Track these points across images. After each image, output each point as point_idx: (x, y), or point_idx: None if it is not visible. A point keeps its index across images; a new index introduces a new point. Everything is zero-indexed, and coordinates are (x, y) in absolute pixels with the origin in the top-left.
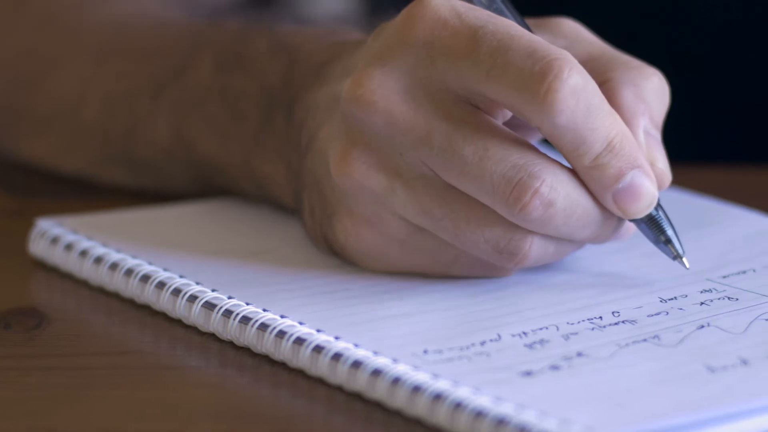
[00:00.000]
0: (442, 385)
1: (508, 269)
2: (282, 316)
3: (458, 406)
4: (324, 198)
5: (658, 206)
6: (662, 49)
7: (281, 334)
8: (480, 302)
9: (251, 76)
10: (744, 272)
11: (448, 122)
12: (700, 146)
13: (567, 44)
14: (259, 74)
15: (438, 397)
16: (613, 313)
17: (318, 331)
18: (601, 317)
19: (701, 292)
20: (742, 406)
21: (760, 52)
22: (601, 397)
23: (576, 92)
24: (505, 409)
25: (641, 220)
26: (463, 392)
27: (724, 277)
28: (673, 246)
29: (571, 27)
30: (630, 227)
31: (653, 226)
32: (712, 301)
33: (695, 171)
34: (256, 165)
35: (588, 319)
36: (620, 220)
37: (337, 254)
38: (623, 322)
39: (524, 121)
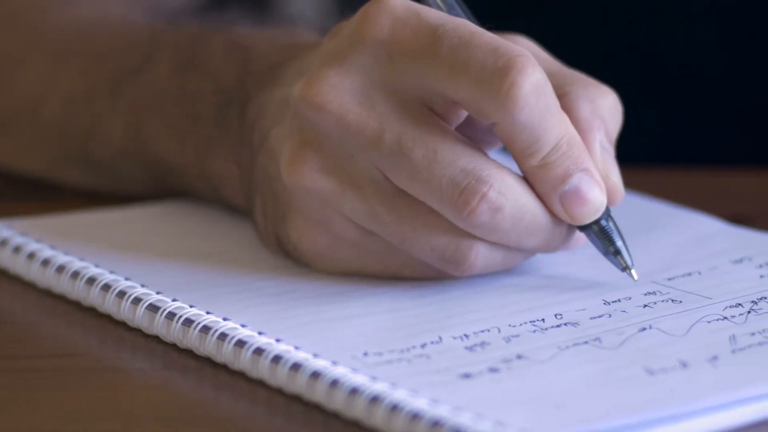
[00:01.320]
0: (379, 387)
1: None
2: (225, 319)
3: (395, 408)
4: (275, 199)
5: (609, 217)
6: (631, 55)
7: (223, 336)
8: (425, 304)
9: (206, 77)
10: (689, 274)
11: (399, 124)
12: (648, 148)
13: None
14: (214, 75)
15: (375, 399)
16: (555, 315)
17: (260, 333)
18: (543, 319)
19: (645, 294)
20: (679, 409)
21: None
22: (538, 399)
23: (537, 89)
24: (441, 411)
25: (591, 230)
26: (400, 394)
27: (670, 279)
28: (622, 258)
29: (527, 44)
30: (580, 237)
31: (603, 237)
32: (655, 303)
33: (645, 173)
34: (209, 165)
35: (530, 322)
36: (570, 229)
37: (288, 255)
38: (565, 324)
39: (474, 133)
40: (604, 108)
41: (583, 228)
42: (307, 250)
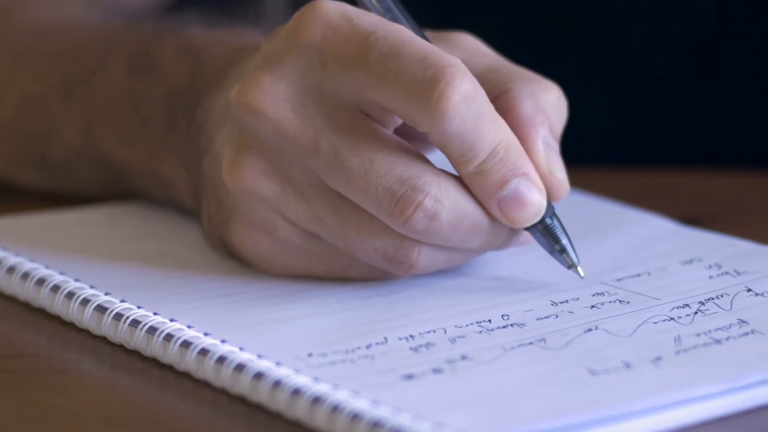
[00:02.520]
0: (321, 388)
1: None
2: (172, 320)
3: (336, 409)
4: (220, 202)
5: (553, 215)
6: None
7: (169, 337)
8: (372, 305)
9: (158, 79)
10: (639, 275)
11: (335, 132)
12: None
13: (465, 57)
14: (166, 77)
15: (317, 400)
16: (502, 316)
17: (205, 334)
18: (490, 320)
19: (593, 295)
20: (617, 409)
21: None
22: (479, 400)
23: (467, 99)
24: (382, 412)
25: (536, 229)
26: (341, 395)
27: (619, 280)
28: (568, 255)
29: (470, 41)
30: (528, 235)
31: (548, 235)
32: (603, 304)
33: (596, 174)
34: (159, 168)
35: (477, 323)
36: (514, 229)
37: (235, 258)
38: (512, 325)
39: (416, 131)
40: (548, 103)
41: (527, 227)
42: (250, 254)
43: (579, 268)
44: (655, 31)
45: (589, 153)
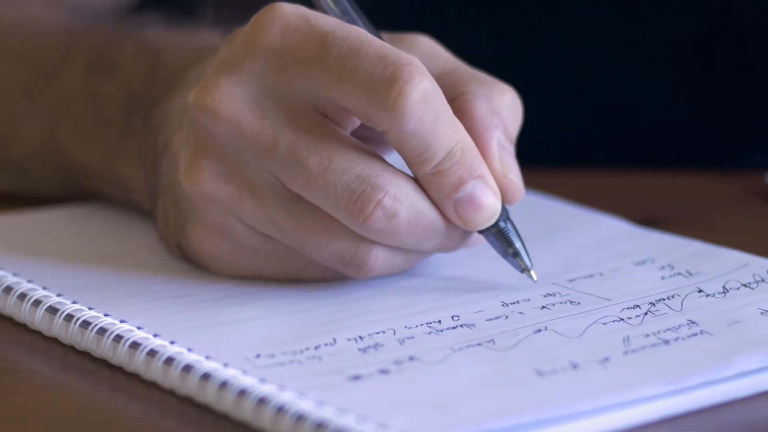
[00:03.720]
0: (267, 389)
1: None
2: (122, 321)
3: (281, 410)
4: (177, 204)
5: (507, 219)
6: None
7: (118, 338)
8: (323, 306)
9: (117, 80)
10: (591, 276)
11: (293, 132)
12: (554, 150)
13: (422, 59)
14: (125, 78)
15: (262, 401)
16: (452, 317)
17: (155, 335)
18: (440, 321)
19: (544, 296)
20: (562, 410)
21: (621, 59)
22: (424, 401)
23: (426, 98)
24: (326, 413)
25: (489, 232)
26: (286, 396)
27: (571, 281)
28: (521, 259)
29: (427, 43)
30: (479, 236)
31: (501, 239)
32: (553, 305)
33: (554, 175)
34: (117, 169)
35: (426, 323)
36: (467, 231)
37: (190, 260)
38: (461, 326)
39: (373, 133)
40: (503, 106)
41: (481, 230)
42: (207, 256)
43: (532, 272)
44: (618, 36)
45: (547, 154)
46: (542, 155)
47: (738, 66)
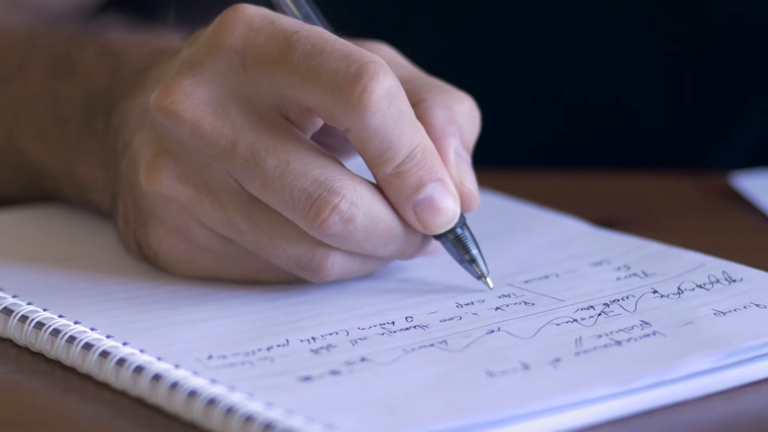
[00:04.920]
0: (217, 390)
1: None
2: (76, 322)
3: (230, 411)
4: (137, 205)
5: (464, 225)
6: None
7: (72, 339)
8: (278, 307)
9: (77, 82)
10: (547, 277)
11: (253, 133)
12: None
13: None
14: (85, 80)
15: (212, 402)
16: (406, 318)
17: (108, 336)
18: (393, 322)
19: (499, 297)
20: (512, 410)
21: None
22: (373, 402)
23: (390, 96)
24: (274, 414)
25: (446, 238)
26: (236, 397)
27: (526, 281)
28: (478, 266)
29: (386, 50)
30: (437, 244)
31: (458, 245)
32: (507, 306)
33: (514, 176)
34: (77, 170)
35: (380, 325)
36: (425, 238)
37: (149, 261)
38: (414, 327)
39: (334, 140)
40: (460, 114)
41: (438, 236)
42: (166, 257)
43: (488, 279)
44: (586, 38)
45: (512, 155)
46: (507, 156)
47: (706, 67)
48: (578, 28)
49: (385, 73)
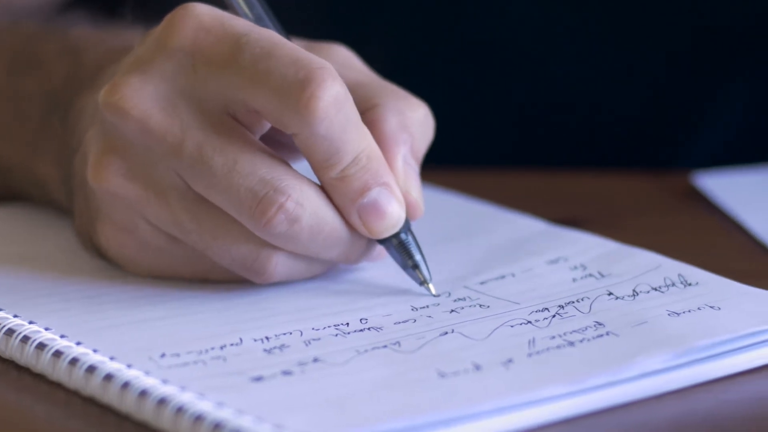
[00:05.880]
0: (167, 390)
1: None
2: (30, 322)
3: (180, 410)
4: (87, 202)
5: (409, 231)
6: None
7: (25, 339)
8: (233, 306)
9: (38, 79)
10: (503, 277)
11: (201, 132)
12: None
13: (336, 69)
14: (45, 77)
15: (162, 401)
16: (361, 320)
17: (62, 336)
18: (347, 324)
19: (455, 300)
20: (462, 411)
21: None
22: (324, 402)
23: (337, 102)
24: (224, 414)
25: (390, 243)
26: (186, 397)
27: (482, 283)
28: (421, 272)
29: (342, 53)
30: (381, 250)
31: (402, 251)
32: (462, 308)
33: (475, 175)
34: (36, 168)
35: (334, 325)
36: (370, 242)
37: (103, 256)
38: (369, 329)
39: (283, 138)
40: (413, 121)
41: (382, 241)
42: (115, 254)
43: (431, 286)
44: (550, 37)
45: (473, 154)
46: (473, 156)
47: (674, 68)
48: (545, 28)
49: (333, 80)
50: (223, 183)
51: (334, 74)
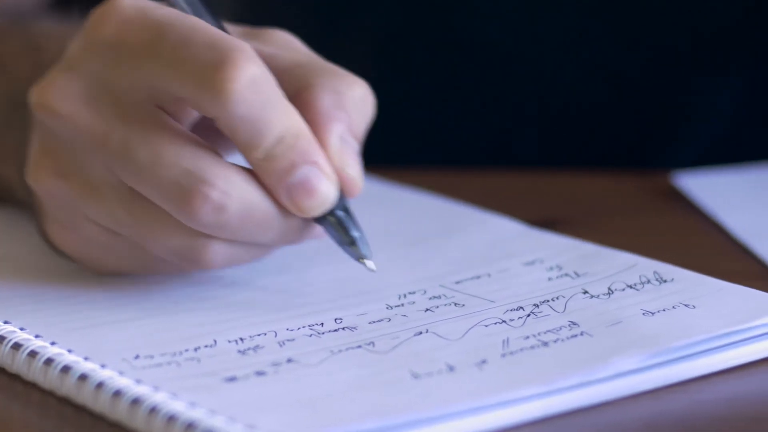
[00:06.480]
0: (141, 390)
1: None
2: (5, 322)
3: (153, 410)
4: (36, 201)
5: (346, 209)
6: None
7: (0, 339)
8: (208, 308)
9: (1, 78)
10: (479, 277)
11: (126, 126)
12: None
13: (275, 52)
14: (9, 75)
15: (136, 401)
16: (335, 319)
17: (36, 336)
18: (322, 324)
19: (430, 298)
20: (434, 412)
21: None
22: (296, 403)
23: (254, 83)
24: (197, 414)
25: (327, 221)
26: (159, 397)
27: (457, 282)
28: (358, 248)
29: (282, 36)
30: (321, 229)
31: (339, 228)
32: (437, 307)
33: (454, 176)
34: (1, 169)
35: (309, 326)
36: (306, 222)
37: (62, 256)
38: (343, 328)
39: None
40: (350, 100)
41: (318, 220)
42: (65, 251)
43: (368, 262)
44: (522, 36)
45: (454, 155)
46: (455, 157)
47: (656, 67)
48: (527, 28)
49: (248, 60)
50: (148, 176)
51: (251, 55)
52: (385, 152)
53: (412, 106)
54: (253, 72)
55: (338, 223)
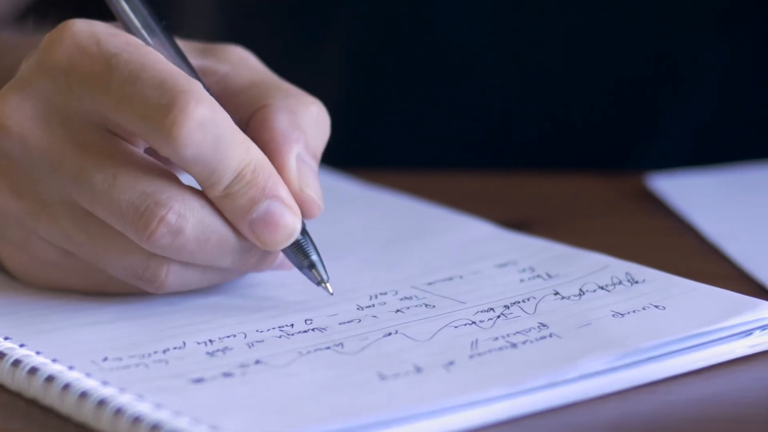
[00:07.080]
0: (107, 391)
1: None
2: None
3: (119, 411)
4: None
5: (305, 232)
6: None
7: None
8: (178, 310)
9: None
10: (451, 278)
11: (80, 149)
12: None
13: (230, 70)
14: None
15: (102, 403)
16: (305, 320)
17: (6, 338)
18: (292, 325)
19: (401, 299)
20: (399, 413)
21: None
22: (262, 404)
23: (203, 125)
24: (162, 415)
25: (286, 246)
26: (125, 399)
27: (430, 283)
28: (318, 271)
29: (238, 53)
30: (284, 258)
31: (298, 252)
32: (408, 308)
33: (427, 178)
34: None
35: (278, 327)
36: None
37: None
38: (313, 329)
39: None
40: (305, 119)
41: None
42: (13, 270)
43: (328, 285)
44: (499, 37)
45: (424, 157)
46: (431, 158)
47: (626, 70)
48: (499, 32)
49: (197, 103)
50: (104, 199)
51: (199, 95)
52: (360, 154)
53: (386, 108)
54: (201, 114)
55: (297, 247)
